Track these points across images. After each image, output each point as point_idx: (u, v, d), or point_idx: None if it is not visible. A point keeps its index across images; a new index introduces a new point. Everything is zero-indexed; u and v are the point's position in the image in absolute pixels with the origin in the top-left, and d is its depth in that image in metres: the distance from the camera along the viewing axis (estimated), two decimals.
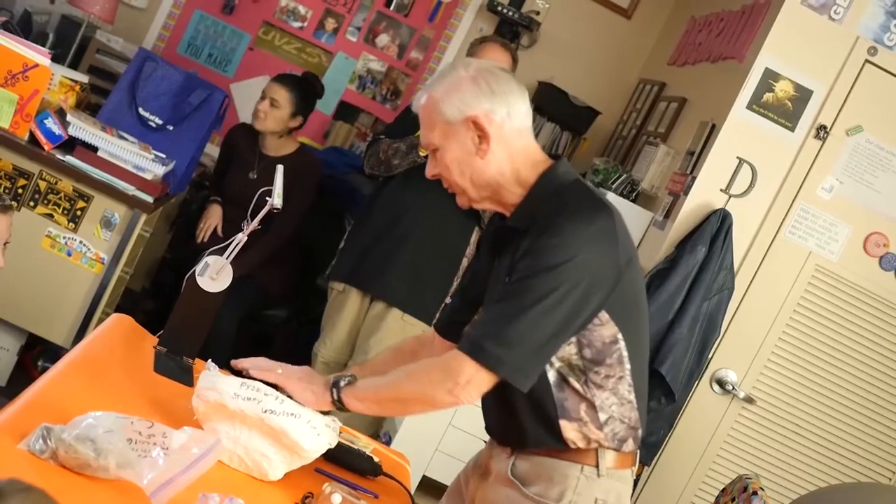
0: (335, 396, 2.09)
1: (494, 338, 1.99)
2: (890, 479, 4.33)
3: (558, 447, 2.12)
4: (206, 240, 4.50)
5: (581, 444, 2.11)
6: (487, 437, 2.29)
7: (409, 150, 3.88)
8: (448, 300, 3.88)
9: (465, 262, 4.06)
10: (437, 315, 3.35)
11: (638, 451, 2.21)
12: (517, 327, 1.98)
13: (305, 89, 4.63)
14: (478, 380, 2.00)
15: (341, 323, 4.08)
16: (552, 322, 1.99)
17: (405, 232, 3.96)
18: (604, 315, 2.05)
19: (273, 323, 4.85)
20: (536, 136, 5.54)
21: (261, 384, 1.99)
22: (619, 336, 2.07)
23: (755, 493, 2.68)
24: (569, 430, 2.10)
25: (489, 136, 2.10)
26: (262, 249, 4.43)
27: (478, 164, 2.13)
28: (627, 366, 2.09)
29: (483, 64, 2.18)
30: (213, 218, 4.59)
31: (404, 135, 4.03)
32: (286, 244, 4.59)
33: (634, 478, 2.25)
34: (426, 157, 3.75)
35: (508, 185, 2.14)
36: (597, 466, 2.12)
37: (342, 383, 2.11)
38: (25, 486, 1.23)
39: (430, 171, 2.22)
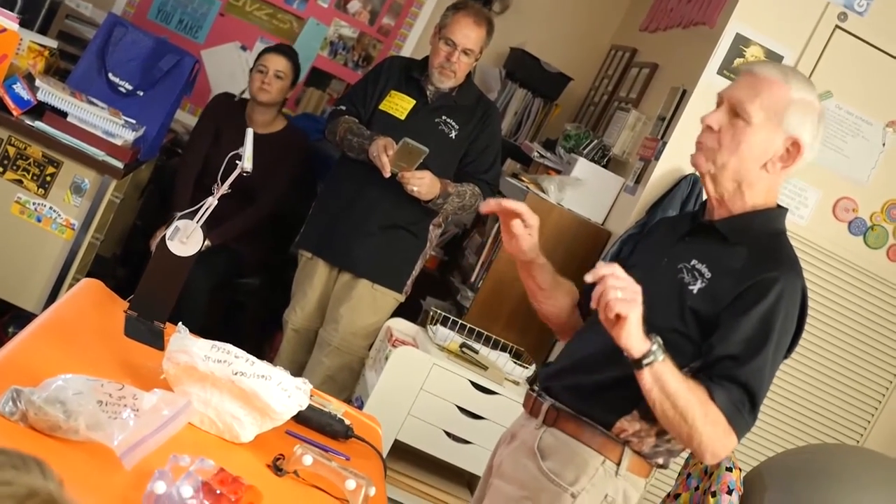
0: (648, 360, 1.97)
1: (752, 416, 2.11)
2: (857, 441, 4.39)
3: (601, 428, 2.18)
4: None
5: (620, 437, 2.17)
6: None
7: (359, 150, 3.90)
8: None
9: (432, 229, 4.06)
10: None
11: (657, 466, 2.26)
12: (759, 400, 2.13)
13: (296, 59, 4.64)
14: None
15: (311, 291, 4.09)
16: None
17: (371, 202, 3.96)
18: None
19: (245, 291, 4.84)
20: (508, 101, 5.55)
21: (231, 346, 1.99)
22: None
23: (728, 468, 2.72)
24: (632, 424, 2.16)
25: (788, 166, 2.19)
26: (241, 223, 4.43)
27: (757, 169, 2.18)
28: None
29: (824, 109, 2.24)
30: None
31: (364, 102, 4.02)
32: (267, 219, 4.59)
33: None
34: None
35: (747, 193, 2.20)
36: (618, 464, 2.18)
37: (661, 357, 1.99)
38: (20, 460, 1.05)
39: (709, 119, 2.18)
